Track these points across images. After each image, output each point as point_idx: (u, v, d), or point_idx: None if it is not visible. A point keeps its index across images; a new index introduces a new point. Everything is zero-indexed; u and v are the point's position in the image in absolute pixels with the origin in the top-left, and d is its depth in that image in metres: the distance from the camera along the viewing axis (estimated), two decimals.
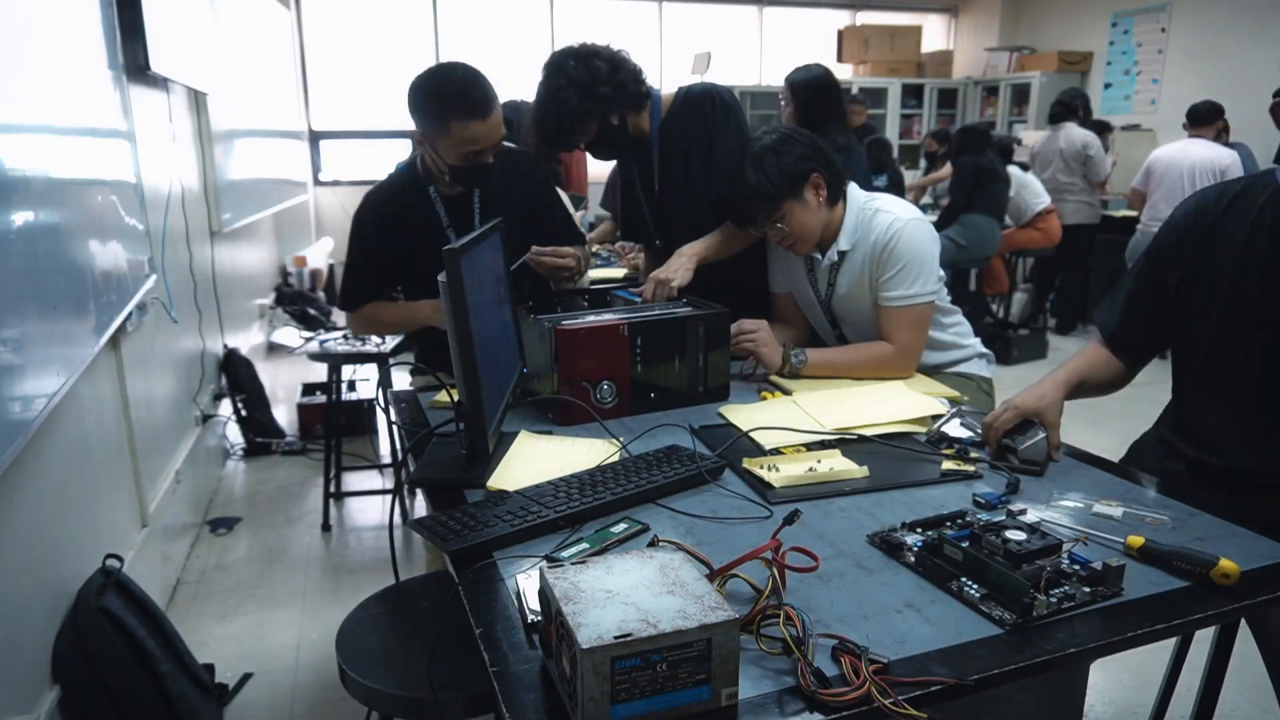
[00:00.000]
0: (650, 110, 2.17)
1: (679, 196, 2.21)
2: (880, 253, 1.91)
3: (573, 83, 2.00)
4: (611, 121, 2.09)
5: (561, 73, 2.01)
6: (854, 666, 0.88)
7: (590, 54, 2.04)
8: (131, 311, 2.42)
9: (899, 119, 8.94)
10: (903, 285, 1.89)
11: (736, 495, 1.35)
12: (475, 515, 1.22)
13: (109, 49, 2.43)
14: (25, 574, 1.77)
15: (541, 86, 2.06)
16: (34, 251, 1.70)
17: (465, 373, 1.33)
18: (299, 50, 7.58)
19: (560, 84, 2.01)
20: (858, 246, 1.95)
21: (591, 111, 2.04)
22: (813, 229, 1.93)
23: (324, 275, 7.00)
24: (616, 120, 2.10)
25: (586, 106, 2.02)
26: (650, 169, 2.23)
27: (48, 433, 1.87)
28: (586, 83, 2.01)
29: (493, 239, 1.67)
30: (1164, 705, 1.84)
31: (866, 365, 1.92)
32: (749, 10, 8.93)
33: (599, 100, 2.03)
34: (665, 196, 2.24)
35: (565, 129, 2.05)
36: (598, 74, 2.02)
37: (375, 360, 3.31)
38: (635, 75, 2.11)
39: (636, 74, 2.11)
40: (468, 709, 1.28)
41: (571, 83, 2.00)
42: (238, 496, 3.63)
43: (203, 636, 2.55)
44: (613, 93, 2.04)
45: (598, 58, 2.04)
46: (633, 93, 2.10)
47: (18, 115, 1.72)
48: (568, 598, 0.85)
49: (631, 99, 2.10)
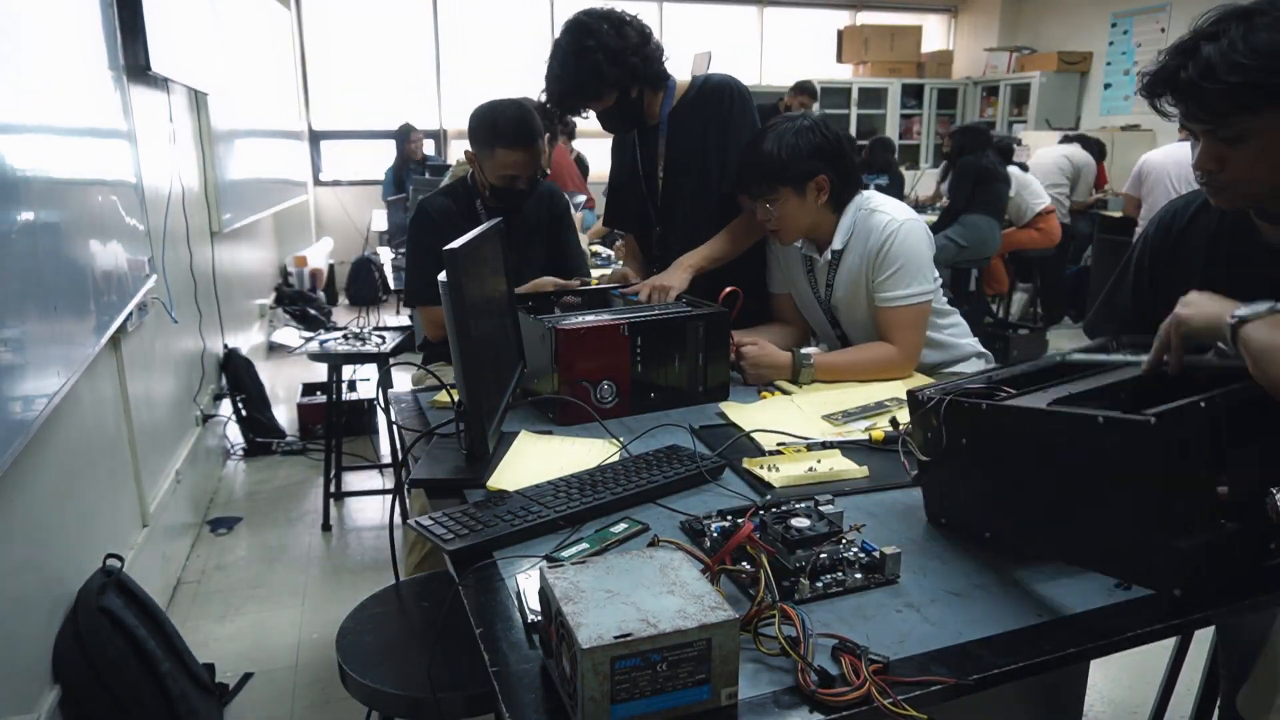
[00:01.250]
0: (665, 94, 2.14)
1: (686, 183, 2.18)
2: (876, 254, 1.90)
3: (603, 47, 1.95)
4: (631, 95, 2.06)
5: (591, 34, 1.95)
6: (854, 666, 0.88)
7: (622, 21, 2.00)
8: (132, 311, 2.42)
9: (899, 119, 8.94)
10: (900, 286, 1.89)
11: (737, 495, 1.35)
12: (475, 515, 1.22)
13: (109, 49, 2.43)
14: (25, 574, 1.77)
15: (566, 43, 1.98)
16: (34, 251, 1.70)
17: (465, 373, 1.33)
18: (299, 50, 7.58)
19: (589, 45, 1.95)
20: (854, 247, 1.94)
21: (617, 81, 1.99)
22: (799, 223, 1.93)
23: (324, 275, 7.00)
24: (635, 94, 2.07)
25: (614, 75, 1.98)
26: (655, 154, 2.19)
27: (48, 433, 1.87)
28: (618, 50, 1.96)
29: (493, 239, 1.67)
30: (1164, 705, 1.84)
31: (870, 366, 1.92)
32: (749, 10, 8.93)
33: (626, 70, 1.99)
34: (671, 182, 2.21)
35: (588, 93, 2.01)
36: (629, 42, 1.98)
37: (375, 360, 3.31)
38: (660, 52, 2.08)
39: (661, 51, 2.09)
40: (468, 709, 1.28)
41: (601, 46, 1.95)
42: (238, 496, 3.63)
43: (203, 636, 2.55)
44: (640, 65, 2.01)
45: (629, 26, 2.00)
46: (656, 71, 2.07)
47: (18, 115, 1.72)
48: (568, 598, 0.86)
49: (655, 76, 2.08)
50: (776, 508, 1.18)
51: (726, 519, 1.19)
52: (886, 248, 1.89)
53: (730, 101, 2.12)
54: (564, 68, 1.98)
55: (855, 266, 1.95)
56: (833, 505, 1.17)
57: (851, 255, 1.95)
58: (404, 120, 6.81)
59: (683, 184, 2.19)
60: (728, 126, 2.12)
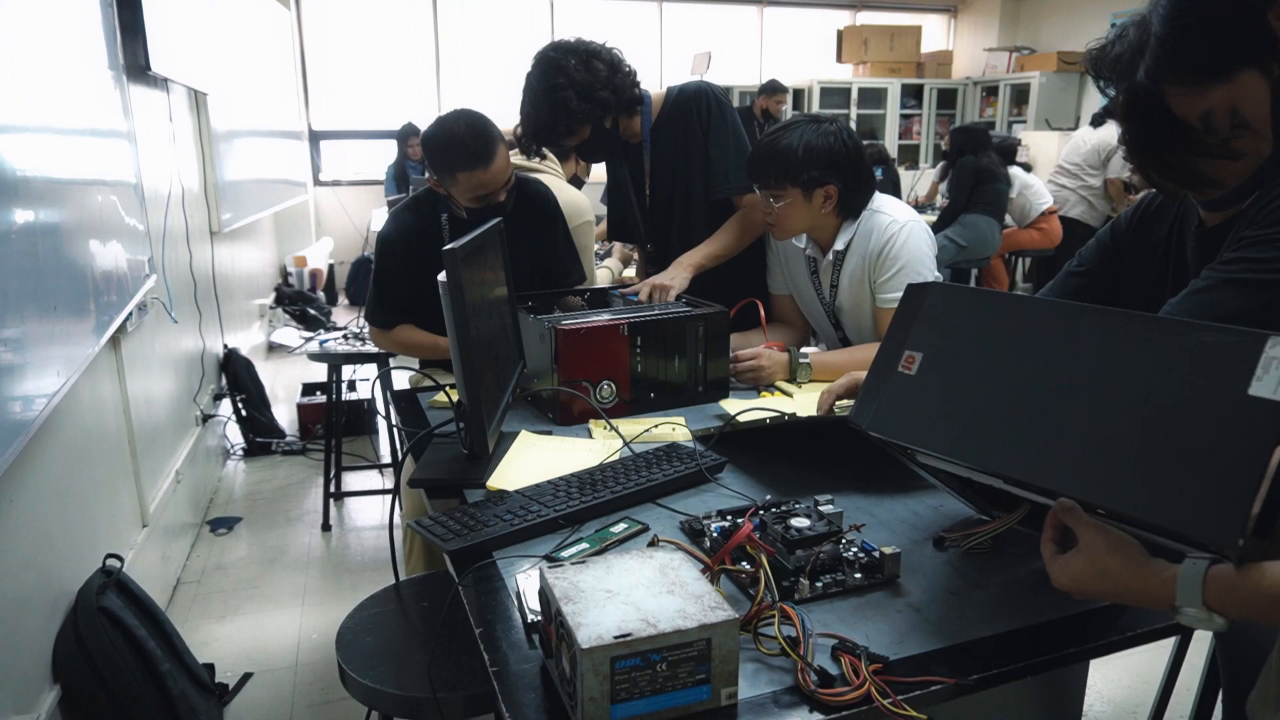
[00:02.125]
0: (642, 112, 2.15)
1: (671, 198, 2.20)
2: (879, 254, 1.91)
3: (572, 84, 1.96)
4: (605, 125, 2.07)
5: (560, 70, 1.97)
6: (853, 666, 0.88)
7: (591, 54, 2.00)
8: (131, 311, 2.42)
9: (898, 119, 8.94)
10: (901, 286, 1.89)
11: (737, 495, 1.35)
12: (475, 515, 1.22)
13: (109, 49, 2.43)
14: (25, 574, 1.77)
15: (536, 80, 2.00)
16: (34, 251, 1.70)
17: (465, 373, 1.33)
18: (299, 50, 7.58)
19: (559, 83, 1.96)
20: (856, 248, 1.95)
21: (588, 116, 2.00)
22: (798, 224, 1.94)
23: (324, 275, 7.00)
24: (610, 124, 2.08)
25: (584, 110, 1.99)
26: (642, 171, 2.21)
27: (48, 432, 1.87)
28: (587, 85, 1.97)
29: (493, 240, 1.67)
30: (1163, 705, 1.84)
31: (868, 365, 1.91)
32: (749, 10, 8.93)
33: (597, 104, 2.00)
34: (657, 198, 2.23)
35: (559, 129, 2.02)
36: (598, 77, 1.99)
37: (375, 360, 3.31)
38: (632, 79, 2.09)
39: (632, 77, 2.09)
40: (468, 709, 1.28)
41: (571, 84, 1.96)
42: (238, 496, 3.63)
43: (203, 636, 2.55)
44: (611, 97, 2.02)
45: (598, 59, 2.00)
46: (629, 97, 2.08)
47: (18, 115, 1.72)
48: (568, 598, 0.86)
49: (627, 103, 2.08)
50: (776, 507, 1.18)
51: (726, 519, 1.20)
52: (889, 249, 1.89)
53: (708, 109, 2.13)
54: (535, 107, 2.01)
55: (858, 267, 1.95)
56: (833, 505, 1.17)
57: (854, 256, 1.95)
58: (404, 121, 6.81)
59: (670, 196, 2.21)
60: (709, 133, 2.13)
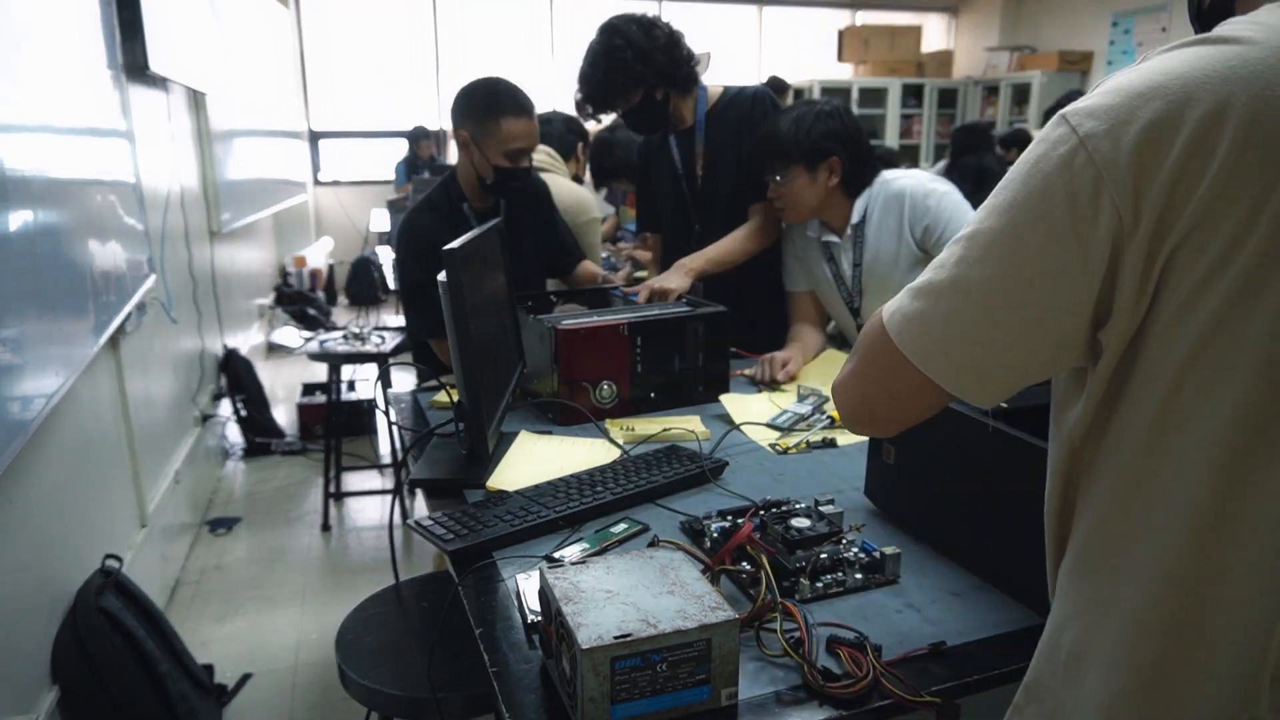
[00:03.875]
0: (697, 98, 2.20)
1: (724, 183, 2.23)
2: (923, 215, 1.88)
3: (631, 45, 2.03)
4: (656, 96, 2.11)
5: (620, 33, 2.04)
6: (854, 658, 0.89)
7: (652, 23, 2.09)
8: (131, 311, 2.42)
9: (899, 119, 8.93)
10: None
11: (737, 495, 1.35)
12: (475, 515, 1.22)
13: (108, 49, 2.43)
14: (25, 574, 1.77)
15: (597, 44, 2.08)
16: (33, 251, 1.70)
17: (465, 373, 1.33)
18: (299, 50, 7.58)
19: (618, 44, 2.03)
20: (883, 224, 1.93)
21: (643, 79, 2.06)
22: (808, 201, 1.94)
23: (323, 275, 7.00)
24: (660, 96, 2.12)
25: (639, 72, 2.05)
26: (693, 155, 2.26)
27: (47, 433, 1.87)
28: (645, 48, 2.04)
29: (493, 239, 1.67)
30: None
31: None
32: (749, 10, 8.93)
33: (653, 68, 2.06)
34: (711, 181, 2.26)
35: (615, 89, 2.08)
36: (656, 42, 2.06)
37: (375, 360, 3.31)
38: (689, 57, 2.14)
39: (691, 57, 2.14)
40: (468, 709, 1.28)
41: (630, 45, 2.03)
42: (237, 496, 3.63)
43: (202, 636, 2.55)
44: (667, 65, 2.08)
45: (658, 28, 2.08)
46: (685, 73, 2.13)
47: (17, 115, 1.72)
48: (568, 598, 0.85)
49: (682, 79, 2.13)
50: (776, 507, 1.18)
51: (726, 519, 1.19)
52: (933, 206, 1.88)
53: (765, 111, 2.18)
54: (593, 66, 2.08)
55: (892, 242, 1.93)
56: (833, 505, 1.17)
57: (883, 232, 1.94)
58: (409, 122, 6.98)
59: (720, 184, 2.24)
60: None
